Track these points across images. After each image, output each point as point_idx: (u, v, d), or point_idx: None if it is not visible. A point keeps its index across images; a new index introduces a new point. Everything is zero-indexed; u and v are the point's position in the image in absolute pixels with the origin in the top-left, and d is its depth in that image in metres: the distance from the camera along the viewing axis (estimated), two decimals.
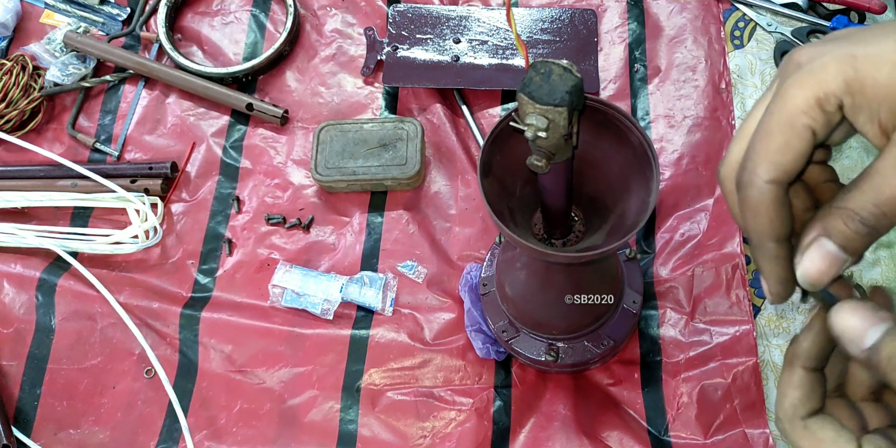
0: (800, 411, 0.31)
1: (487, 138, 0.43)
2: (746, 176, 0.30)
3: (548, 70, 0.35)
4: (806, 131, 0.29)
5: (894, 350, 0.27)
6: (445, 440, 0.66)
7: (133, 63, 0.81)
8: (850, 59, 0.28)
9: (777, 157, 0.30)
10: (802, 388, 0.31)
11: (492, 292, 0.64)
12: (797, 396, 0.31)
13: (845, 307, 0.30)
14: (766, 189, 0.30)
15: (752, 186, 0.30)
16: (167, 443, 0.68)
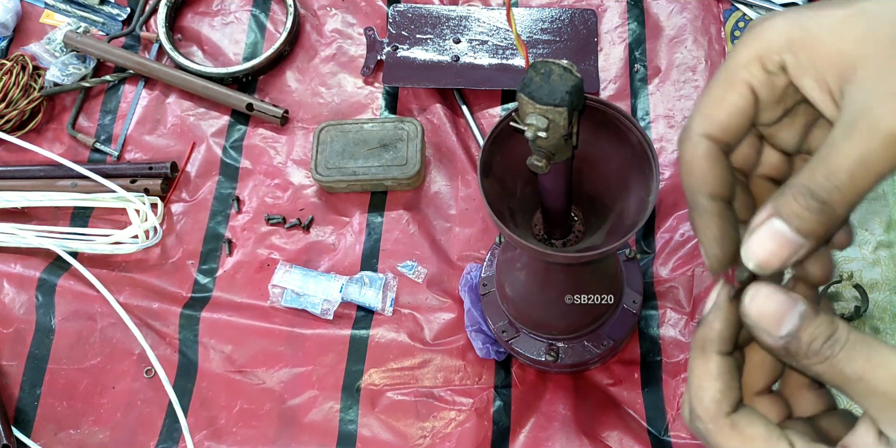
0: (724, 406, 0.27)
1: (487, 138, 0.43)
2: (683, 131, 0.30)
3: (548, 70, 0.35)
4: (743, 86, 0.28)
5: (814, 337, 0.26)
6: (445, 440, 0.66)
7: (133, 63, 0.81)
8: (797, 19, 0.27)
9: (712, 111, 0.29)
10: (722, 377, 0.27)
11: (492, 292, 0.64)
12: (718, 389, 0.27)
13: (762, 292, 0.27)
14: (699, 143, 0.29)
15: (687, 140, 0.29)
16: (167, 443, 0.68)
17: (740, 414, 0.27)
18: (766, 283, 0.27)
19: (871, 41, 0.25)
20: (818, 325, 0.26)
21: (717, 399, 0.27)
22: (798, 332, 0.26)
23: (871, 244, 0.71)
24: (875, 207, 0.72)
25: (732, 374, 0.28)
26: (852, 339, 0.25)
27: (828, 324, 0.26)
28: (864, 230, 0.71)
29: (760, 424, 0.27)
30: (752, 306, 0.27)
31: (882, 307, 0.68)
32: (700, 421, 0.28)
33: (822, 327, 0.26)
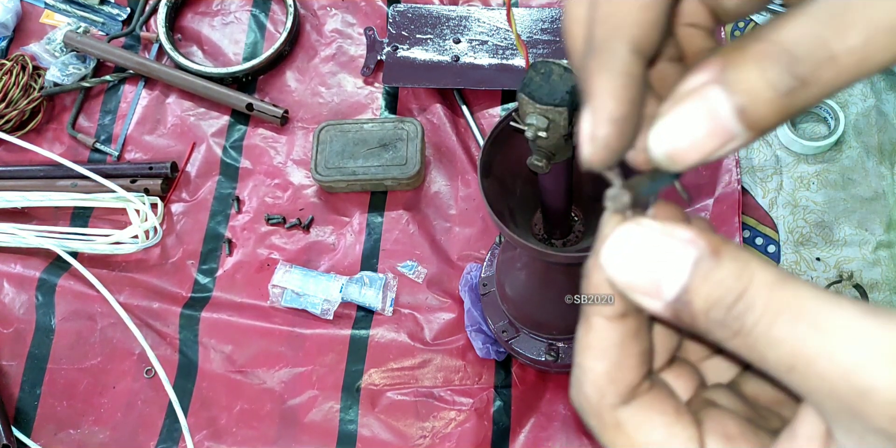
0: (608, 397, 0.19)
1: (487, 138, 0.43)
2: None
3: (548, 70, 0.35)
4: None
5: (712, 301, 0.17)
6: (445, 440, 0.66)
7: (133, 63, 0.81)
8: None
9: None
10: (608, 353, 0.19)
11: (492, 292, 0.64)
12: (602, 370, 0.19)
13: (629, 233, 0.18)
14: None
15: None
16: (167, 443, 0.68)
17: (630, 409, 0.19)
18: (636, 218, 0.18)
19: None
20: (719, 281, 0.17)
21: (600, 386, 0.19)
22: (688, 294, 0.17)
23: (871, 244, 0.71)
24: (875, 207, 0.72)
25: (626, 348, 0.19)
26: (776, 302, 0.16)
27: (734, 277, 0.16)
28: (864, 230, 0.71)
29: (658, 424, 0.19)
30: (611, 265, 0.18)
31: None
32: (583, 411, 0.20)
33: (724, 284, 0.16)
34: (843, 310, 0.15)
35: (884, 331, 0.15)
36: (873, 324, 0.15)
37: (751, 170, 0.74)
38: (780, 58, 0.16)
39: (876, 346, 0.15)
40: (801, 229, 0.72)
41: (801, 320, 0.16)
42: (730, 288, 0.16)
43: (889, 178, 0.73)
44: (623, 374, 0.19)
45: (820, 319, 0.15)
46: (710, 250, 0.17)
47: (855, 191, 0.73)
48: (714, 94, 0.17)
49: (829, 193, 0.73)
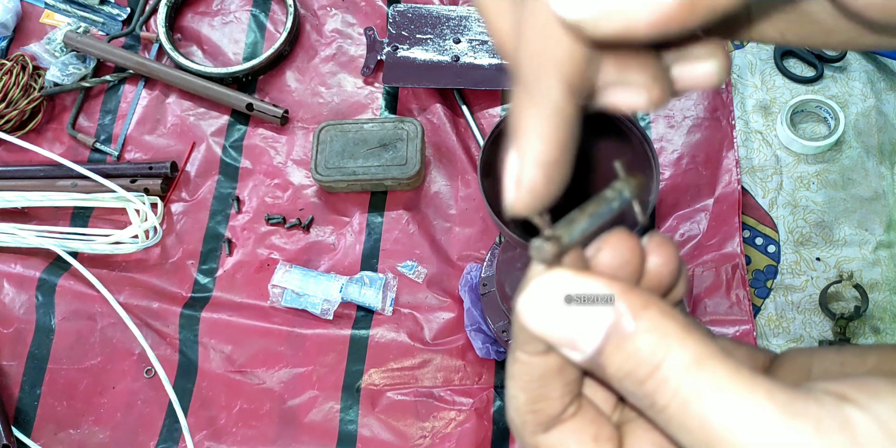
0: (529, 426, 0.19)
1: (487, 138, 0.43)
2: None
3: None
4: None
5: (626, 370, 0.16)
6: (445, 440, 0.66)
7: (133, 63, 0.81)
8: None
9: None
10: (528, 387, 0.18)
11: (492, 292, 0.64)
12: (522, 401, 0.18)
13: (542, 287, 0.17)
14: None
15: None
16: (167, 443, 0.68)
17: (549, 437, 0.19)
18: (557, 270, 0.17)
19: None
20: (633, 352, 0.16)
21: (522, 414, 0.19)
22: (602, 359, 0.16)
23: (871, 244, 0.71)
24: (875, 207, 0.72)
25: (547, 383, 0.18)
26: (690, 387, 0.15)
27: (649, 351, 0.15)
28: (864, 230, 0.71)
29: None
30: (526, 315, 0.17)
31: (882, 307, 0.68)
32: (516, 435, 0.20)
33: (637, 357, 0.16)
34: (757, 405, 0.15)
35: (796, 436, 0.15)
36: (785, 429, 0.15)
37: (751, 170, 0.74)
38: None
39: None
40: (801, 229, 0.72)
41: (716, 412, 0.15)
42: (642, 362, 0.16)
43: (889, 178, 0.73)
44: (543, 405, 0.18)
45: (735, 414, 0.15)
46: (631, 313, 0.16)
47: (855, 191, 0.73)
48: None
49: (829, 193, 0.73)
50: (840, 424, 0.15)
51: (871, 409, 0.15)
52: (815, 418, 0.15)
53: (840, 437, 0.15)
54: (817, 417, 0.15)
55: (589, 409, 0.19)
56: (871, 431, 0.15)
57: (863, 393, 0.16)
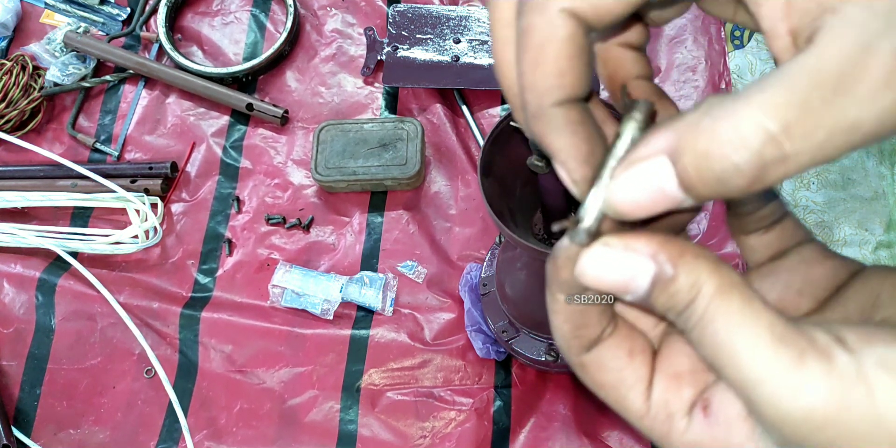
0: (574, 349, 0.22)
1: (487, 138, 0.43)
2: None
3: None
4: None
5: (668, 306, 0.20)
6: (445, 440, 0.66)
7: (133, 63, 0.81)
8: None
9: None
10: (571, 319, 0.22)
11: (492, 292, 0.64)
12: (566, 330, 0.22)
13: (596, 254, 0.20)
14: (558, 22, 0.19)
15: (542, 12, 0.20)
16: (167, 443, 0.68)
17: (590, 356, 0.22)
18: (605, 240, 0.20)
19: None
20: (673, 293, 0.19)
21: (567, 340, 0.22)
22: (649, 299, 0.20)
23: (871, 244, 0.71)
24: (875, 207, 0.72)
25: (585, 314, 0.22)
26: (709, 314, 0.19)
27: (686, 290, 0.19)
28: (864, 230, 0.71)
29: (611, 369, 0.22)
30: (586, 272, 0.20)
31: None
32: (565, 357, 0.24)
33: (677, 297, 0.19)
34: (755, 332, 0.18)
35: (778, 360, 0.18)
36: (771, 352, 0.18)
37: None
38: (736, 149, 0.16)
39: (768, 373, 0.18)
40: None
41: (724, 335, 0.19)
42: (680, 299, 0.19)
43: (889, 178, 0.73)
44: (583, 331, 0.22)
45: (737, 337, 0.18)
46: (669, 263, 0.19)
47: (855, 191, 0.73)
48: (663, 165, 0.18)
49: (829, 193, 0.73)
50: (820, 359, 0.18)
51: (857, 353, 0.17)
52: (799, 350, 0.18)
53: (816, 369, 0.17)
54: (801, 349, 0.18)
55: (623, 327, 0.23)
56: (846, 371, 0.17)
57: (860, 340, 0.18)
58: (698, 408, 0.21)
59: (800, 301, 0.25)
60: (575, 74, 0.20)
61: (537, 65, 0.20)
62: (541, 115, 0.21)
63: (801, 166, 0.16)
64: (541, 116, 0.21)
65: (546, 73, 0.20)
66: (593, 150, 0.21)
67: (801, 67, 0.16)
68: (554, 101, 0.20)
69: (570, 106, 0.20)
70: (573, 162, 0.21)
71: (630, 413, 0.22)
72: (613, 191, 0.19)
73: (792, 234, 0.25)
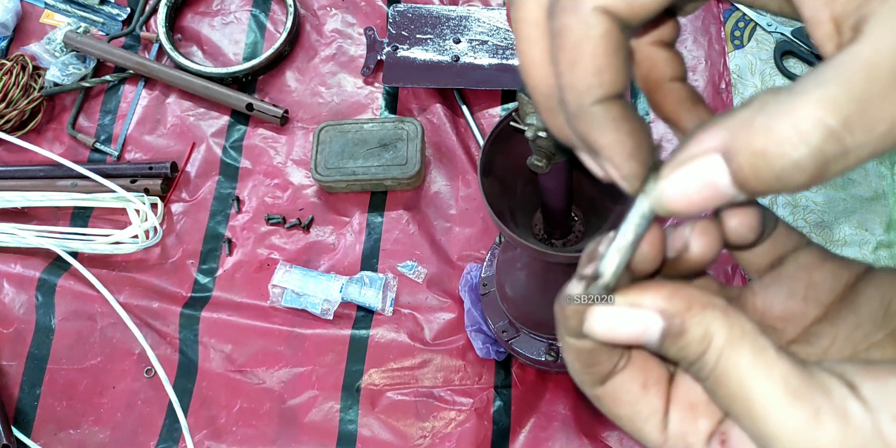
0: (587, 381, 0.22)
1: (487, 138, 0.43)
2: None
3: None
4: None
5: (679, 357, 0.20)
6: (445, 440, 0.66)
7: (133, 63, 0.81)
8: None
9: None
10: (581, 357, 0.22)
11: (492, 292, 0.64)
12: (578, 366, 0.22)
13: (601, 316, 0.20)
14: (594, 21, 0.19)
15: (576, 12, 0.19)
16: (167, 442, 0.68)
17: (604, 389, 0.22)
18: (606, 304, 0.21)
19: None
20: (684, 346, 0.20)
21: (579, 374, 0.22)
22: (661, 350, 0.20)
23: (871, 244, 0.71)
24: (875, 207, 0.72)
25: (594, 357, 0.22)
26: (721, 367, 0.19)
27: (697, 342, 0.19)
28: (864, 230, 0.71)
29: (626, 402, 0.22)
30: (595, 328, 0.20)
31: None
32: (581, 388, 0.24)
33: (689, 349, 0.20)
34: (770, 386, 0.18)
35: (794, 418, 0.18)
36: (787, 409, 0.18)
37: None
38: (796, 146, 0.16)
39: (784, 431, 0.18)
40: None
41: (739, 388, 0.19)
42: (692, 351, 0.20)
43: (889, 178, 0.73)
44: (595, 368, 0.22)
45: (752, 392, 0.19)
46: (677, 317, 0.20)
47: (855, 191, 0.73)
48: (716, 163, 0.18)
49: (829, 193, 0.73)
50: (836, 416, 0.17)
51: (872, 407, 0.17)
52: (815, 407, 0.18)
53: (832, 428, 0.17)
54: (817, 406, 0.18)
55: (637, 359, 0.22)
56: (863, 429, 0.17)
57: (875, 388, 0.18)
58: (716, 441, 0.21)
59: (806, 308, 0.25)
60: (613, 71, 0.20)
61: (575, 64, 0.20)
62: (583, 113, 0.20)
63: (862, 159, 0.16)
64: (583, 115, 0.20)
65: (585, 72, 0.20)
66: (640, 144, 0.20)
67: (855, 59, 0.16)
68: (594, 99, 0.20)
69: (611, 102, 0.20)
70: (620, 158, 0.20)
71: (648, 443, 0.22)
72: (664, 188, 0.19)
73: (785, 241, 0.25)
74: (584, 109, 0.20)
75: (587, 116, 0.20)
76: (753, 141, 0.17)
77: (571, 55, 0.20)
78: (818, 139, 0.16)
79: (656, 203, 0.19)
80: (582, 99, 0.20)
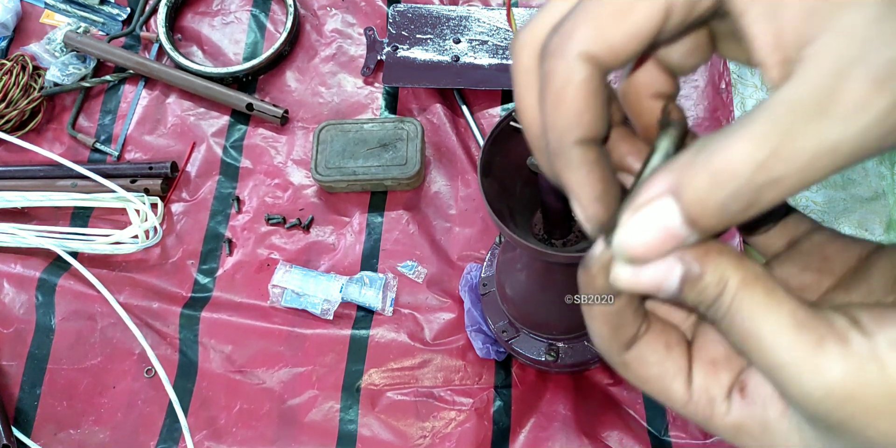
0: (614, 349, 0.24)
1: (487, 138, 0.43)
2: (557, 42, 0.21)
3: None
4: (659, 5, 0.21)
5: (698, 301, 0.21)
6: (445, 440, 0.66)
7: (133, 63, 0.81)
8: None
9: (607, 25, 0.21)
10: (609, 322, 0.24)
11: (492, 292, 0.64)
12: (605, 333, 0.24)
13: (625, 272, 0.22)
14: (576, 66, 0.21)
15: (562, 58, 0.21)
16: (167, 443, 0.68)
17: (630, 353, 0.24)
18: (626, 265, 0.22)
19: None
20: (702, 289, 0.21)
21: (606, 341, 0.24)
22: (680, 295, 0.22)
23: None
24: (875, 207, 0.72)
25: (620, 314, 0.24)
26: (735, 306, 0.21)
27: (713, 285, 0.21)
28: (864, 230, 0.71)
29: (653, 364, 0.24)
30: (620, 277, 0.22)
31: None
32: (606, 358, 0.25)
33: (706, 292, 0.21)
34: (779, 319, 0.20)
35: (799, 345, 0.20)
36: (793, 338, 0.20)
37: None
38: (728, 181, 0.18)
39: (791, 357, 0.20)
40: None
41: (751, 324, 0.20)
42: (710, 294, 0.21)
43: (889, 178, 0.73)
44: (621, 331, 0.24)
45: (762, 326, 0.20)
46: (696, 262, 0.21)
47: (855, 191, 0.73)
48: (668, 205, 0.20)
49: (829, 193, 0.73)
50: (837, 342, 0.19)
51: (871, 335, 0.19)
52: (819, 335, 0.19)
53: (833, 351, 0.19)
54: (821, 334, 0.19)
55: (657, 323, 0.25)
56: (860, 351, 0.19)
57: (875, 322, 0.19)
58: (736, 391, 0.23)
59: (820, 279, 0.26)
60: (592, 113, 0.22)
61: (557, 105, 0.22)
62: (560, 153, 0.22)
63: (793, 188, 0.18)
64: (560, 155, 0.22)
65: (565, 113, 0.22)
66: (607, 189, 0.23)
67: (781, 98, 0.18)
68: (573, 139, 0.22)
69: (588, 146, 0.22)
70: (586, 199, 0.23)
71: (674, 401, 0.24)
72: (623, 238, 0.21)
73: (798, 224, 0.27)
74: (562, 149, 0.22)
75: (564, 156, 0.22)
76: (696, 179, 0.19)
77: (555, 97, 0.22)
78: (749, 171, 0.18)
79: (618, 252, 0.21)
80: (562, 138, 0.22)
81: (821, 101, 0.17)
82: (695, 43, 0.24)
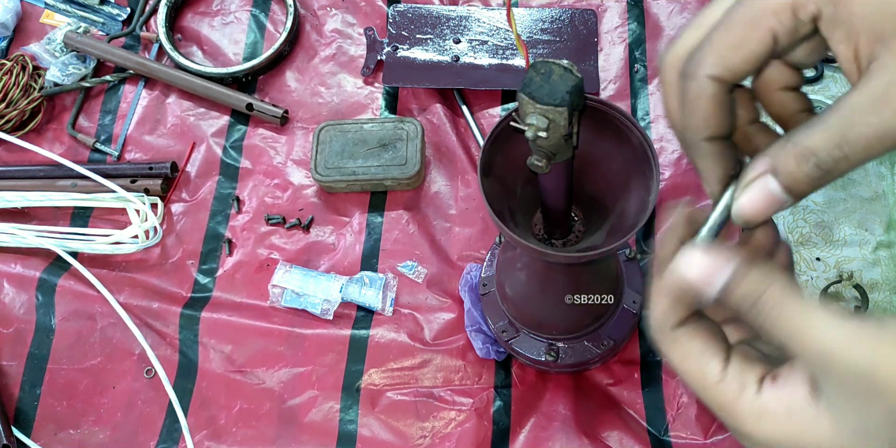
0: (669, 321, 0.30)
1: (487, 138, 0.43)
2: (692, 66, 0.29)
3: (548, 70, 0.35)
4: (767, 35, 0.27)
5: (743, 297, 0.27)
6: (445, 440, 0.66)
7: (133, 63, 0.81)
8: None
9: (727, 53, 0.28)
10: (670, 295, 0.29)
11: (492, 292, 0.64)
12: (666, 304, 0.29)
13: (693, 255, 0.28)
14: (706, 84, 0.28)
15: (693, 79, 0.29)
16: (167, 443, 0.68)
17: (683, 329, 0.29)
18: (698, 247, 0.28)
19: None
20: (747, 285, 0.27)
21: (665, 312, 0.29)
22: (728, 292, 0.27)
23: (871, 244, 0.71)
24: (875, 207, 0.72)
25: (679, 296, 0.29)
26: (779, 306, 0.26)
27: (759, 282, 0.27)
28: (864, 230, 0.71)
29: (700, 340, 0.29)
30: (681, 269, 0.28)
31: (882, 307, 0.68)
32: (652, 330, 0.30)
33: (752, 286, 0.27)
34: (817, 320, 0.25)
35: (844, 341, 0.24)
36: (837, 334, 0.25)
37: None
38: (810, 158, 0.26)
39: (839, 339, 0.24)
40: (801, 229, 0.72)
41: (792, 322, 0.26)
42: (754, 291, 0.27)
43: (889, 178, 0.73)
44: (677, 308, 0.29)
45: (802, 323, 0.25)
46: (741, 267, 0.27)
47: (855, 191, 0.73)
48: (770, 180, 0.27)
49: (829, 193, 0.73)
50: (877, 324, 0.24)
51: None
52: (857, 325, 0.24)
53: (873, 332, 0.24)
54: (859, 325, 0.24)
55: (704, 321, 0.30)
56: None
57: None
58: (768, 379, 0.27)
59: None
60: (718, 119, 0.29)
61: (692, 112, 0.29)
62: (694, 145, 0.31)
63: (857, 162, 0.25)
64: (694, 147, 0.31)
65: (698, 118, 0.30)
66: (728, 173, 0.31)
67: (848, 101, 0.25)
68: (703, 136, 0.30)
69: (714, 142, 0.30)
70: (711, 180, 0.31)
71: (707, 377, 0.28)
72: (740, 204, 0.28)
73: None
74: (695, 143, 0.30)
75: (697, 148, 0.31)
76: (789, 160, 0.26)
77: (690, 107, 0.29)
78: (826, 152, 0.25)
79: (735, 216, 0.29)
80: (695, 136, 0.30)
81: (876, 103, 0.25)
82: (810, 46, 0.30)
